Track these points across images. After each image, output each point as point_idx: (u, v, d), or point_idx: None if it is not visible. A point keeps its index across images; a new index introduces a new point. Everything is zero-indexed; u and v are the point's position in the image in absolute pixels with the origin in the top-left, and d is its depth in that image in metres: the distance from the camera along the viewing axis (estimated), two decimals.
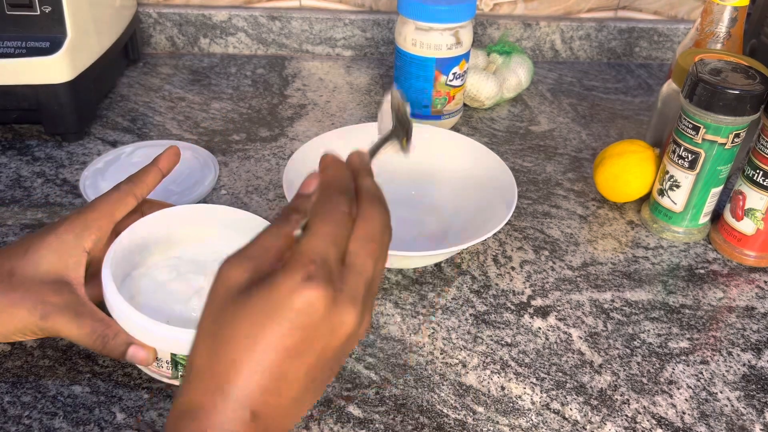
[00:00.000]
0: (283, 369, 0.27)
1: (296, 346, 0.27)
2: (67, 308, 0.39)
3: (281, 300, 0.27)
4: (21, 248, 0.41)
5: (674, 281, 0.55)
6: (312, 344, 0.27)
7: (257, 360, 0.27)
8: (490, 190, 0.56)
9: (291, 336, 0.27)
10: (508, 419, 0.43)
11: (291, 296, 0.27)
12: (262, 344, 0.27)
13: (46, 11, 0.60)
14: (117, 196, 0.43)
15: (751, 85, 0.52)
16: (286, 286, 0.27)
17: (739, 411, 0.45)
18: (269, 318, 0.27)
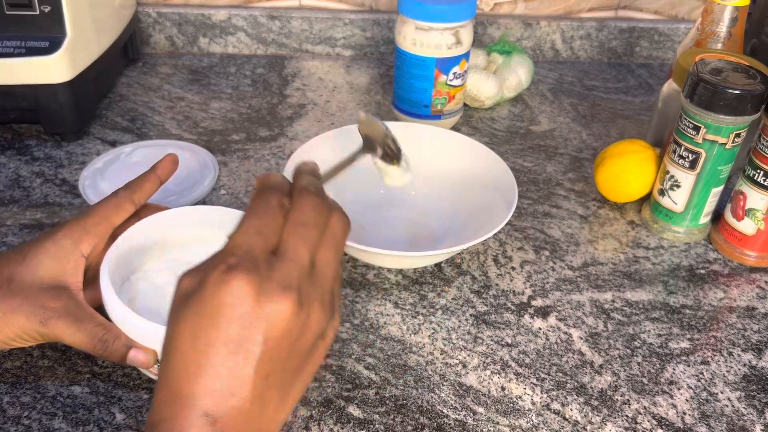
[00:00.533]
0: (227, 366, 0.27)
1: (233, 340, 0.27)
2: (66, 313, 0.39)
3: (209, 295, 0.27)
4: (19, 255, 0.41)
5: (675, 281, 0.55)
6: (250, 336, 0.27)
7: (201, 362, 0.27)
8: (491, 190, 0.56)
9: (225, 329, 0.27)
10: (508, 420, 0.43)
11: (216, 289, 0.27)
12: (201, 344, 0.27)
13: (46, 11, 0.60)
14: (115, 202, 0.44)
15: (752, 85, 0.52)
16: (211, 280, 0.27)
17: (740, 411, 0.45)
18: (202, 316, 0.27)
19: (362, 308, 0.50)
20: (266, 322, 0.27)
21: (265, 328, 0.27)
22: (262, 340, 0.27)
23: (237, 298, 0.27)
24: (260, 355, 0.27)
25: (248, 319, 0.27)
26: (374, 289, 0.52)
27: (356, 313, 0.50)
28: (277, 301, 0.27)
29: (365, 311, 0.50)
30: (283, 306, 0.27)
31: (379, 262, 0.52)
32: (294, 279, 0.28)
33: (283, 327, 0.27)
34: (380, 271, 0.54)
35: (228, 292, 0.27)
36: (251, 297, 0.27)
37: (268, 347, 0.27)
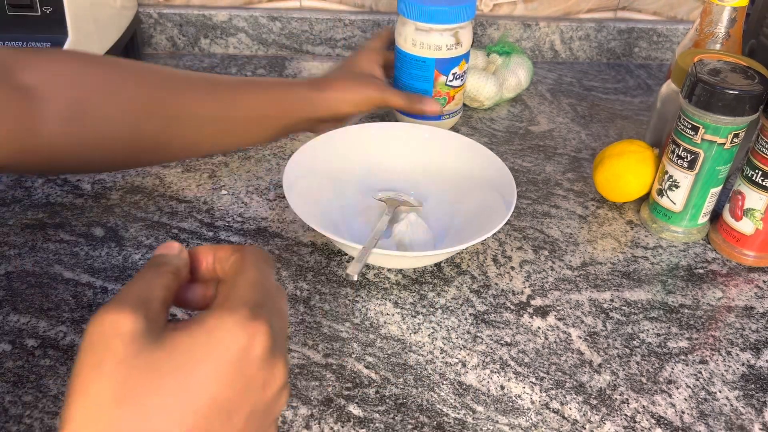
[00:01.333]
0: (209, 426, 0.23)
1: (226, 402, 0.23)
2: (392, 87, 0.63)
3: (220, 339, 0.23)
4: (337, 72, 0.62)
5: (673, 281, 0.55)
6: (247, 397, 0.24)
7: (184, 426, 0.22)
8: (490, 190, 0.56)
9: (221, 388, 0.23)
10: (507, 418, 0.43)
11: (232, 338, 0.23)
12: (190, 401, 0.22)
13: (47, 12, 0.61)
14: None
15: (750, 86, 0.52)
16: (227, 323, 0.23)
17: (738, 410, 0.45)
18: (204, 366, 0.23)
19: (362, 308, 0.51)
20: (263, 384, 0.25)
21: (260, 393, 0.25)
22: (253, 403, 0.25)
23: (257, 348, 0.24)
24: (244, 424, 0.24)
25: (252, 378, 0.24)
26: (374, 288, 0.52)
27: (356, 312, 0.50)
28: (279, 364, 0.26)
29: (365, 311, 0.50)
30: (280, 371, 0.26)
31: (379, 262, 0.53)
32: (285, 350, 0.27)
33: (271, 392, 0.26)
34: (380, 271, 0.54)
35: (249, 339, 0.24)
36: (265, 353, 0.24)
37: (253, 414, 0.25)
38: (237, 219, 0.58)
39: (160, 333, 0.24)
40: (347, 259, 0.55)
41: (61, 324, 0.48)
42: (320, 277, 0.53)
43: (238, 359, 0.23)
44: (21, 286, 0.50)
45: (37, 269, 0.52)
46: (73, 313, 0.48)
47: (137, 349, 0.23)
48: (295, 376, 0.45)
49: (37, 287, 0.50)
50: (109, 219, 0.57)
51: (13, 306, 0.49)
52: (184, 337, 0.23)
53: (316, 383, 0.45)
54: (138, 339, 0.23)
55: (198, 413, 0.23)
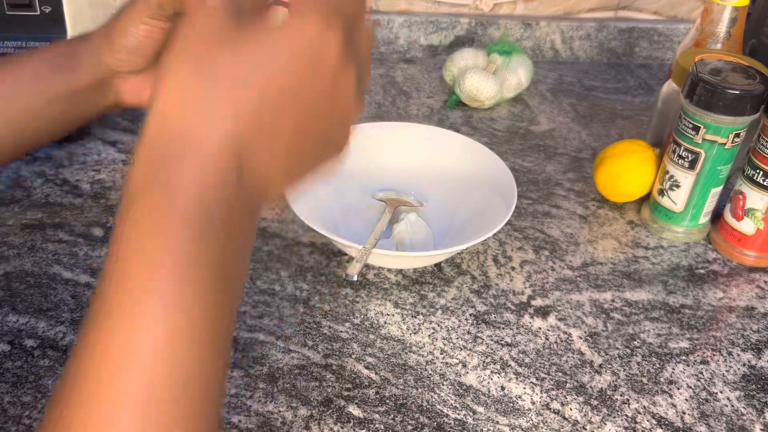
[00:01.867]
0: (279, 109, 0.25)
1: (297, 85, 0.25)
2: None
3: (293, 30, 0.25)
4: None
5: (674, 281, 0.55)
6: (313, 88, 0.26)
7: (258, 92, 0.24)
8: (490, 190, 0.56)
9: (294, 72, 0.25)
10: (508, 419, 0.43)
11: (304, 26, 0.25)
12: (266, 76, 0.24)
13: (46, 11, 0.60)
14: None
15: (751, 85, 0.52)
16: (300, 16, 0.25)
17: (739, 411, 0.45)
18: (278, 48, 0.25)
19: (362, 308, 0.50)
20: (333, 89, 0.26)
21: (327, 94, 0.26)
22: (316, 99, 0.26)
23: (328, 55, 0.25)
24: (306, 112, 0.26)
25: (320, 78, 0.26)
26: (374, 288, 0.52)
27: (356, 312, 0.50)
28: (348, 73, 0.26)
29: (365, 311, 0.50)
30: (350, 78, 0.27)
31: (379, 263, 0.52)
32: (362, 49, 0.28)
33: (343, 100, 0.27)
34: (380, 271, 0.54)
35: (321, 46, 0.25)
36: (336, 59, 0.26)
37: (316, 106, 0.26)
38: None
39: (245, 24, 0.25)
40: (347, 259, 0.55)
41: (60, 324, 0.47)
42: (320, 277, 0.53)
43: (310, 50, 0.25)
44: (20, 286, 0.50)
45: (36, 269, 0.52)
46: (73, 313, 0.48)
47: (226, 31, 0.25)
48: (295, 376, 0.45)
49: (37, 287, 0.50)
50: (109, 219, 0.57)
51: (12, 306, 0.49)
52: (265, 30, 0.25)
53: (315, 384, 0.44)
54: (227, 23, 0.25)
55: (270, 91, 0.25)
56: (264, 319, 0.49)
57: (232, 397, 0.43)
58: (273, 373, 0.45)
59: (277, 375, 0.45)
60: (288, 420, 0.42)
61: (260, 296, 0.51)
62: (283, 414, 0.42)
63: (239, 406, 0.43)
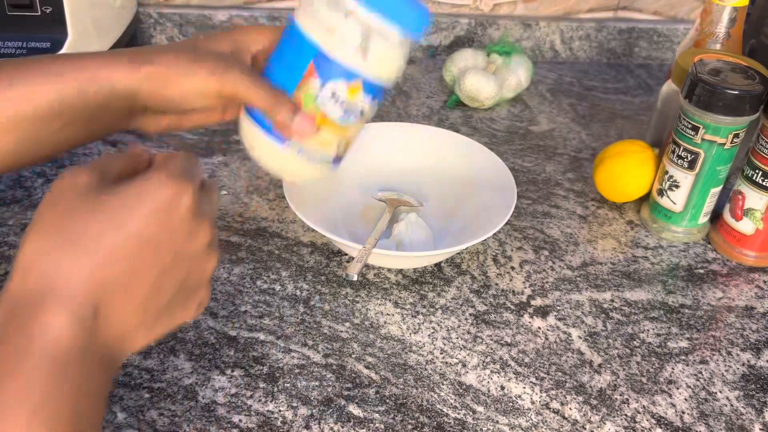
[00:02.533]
0: (136, 261, 0.27)
1: (153, 239, 0.28)
2: (244, 71, 0.39)
3: (149, 191, 0.28)
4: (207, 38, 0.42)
5: (674, 281, 0.55)
6: (169, 242, 0.29)
7: (114, 246, 0.27)
8: (490, 190, 0.56)
9: (150, 226, 0.28)
10: (507, 419, 0.43)
11: (159, 188, 0.28)
12: (122, 231, 0.27)
13: (47, 12, 0.61)
14: None
15: (751, 86, 0.52)
16: (156, 179, 0.28)
17: (739, 410, 0.45)
18: (134, 207, 0.28)
19: (362, 308, 0.50)
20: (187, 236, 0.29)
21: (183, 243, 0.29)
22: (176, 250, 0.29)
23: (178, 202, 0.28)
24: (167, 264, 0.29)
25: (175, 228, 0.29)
26: (374, 288, 0.52)
27: (356, 312, 0.50)
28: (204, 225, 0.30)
29: (365, 311, 0.50)
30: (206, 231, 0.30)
31: (379, 262, 0.53)
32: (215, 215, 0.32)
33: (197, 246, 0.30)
34: (380, 271, 0.54)
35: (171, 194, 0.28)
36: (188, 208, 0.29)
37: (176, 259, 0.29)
38: (237, 219, 0.58)
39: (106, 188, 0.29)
40: (347, 259, 0.55)
41: None
42: (320, 277, 0.53)
43: (164, 207, 0.28)
44: None
45: None
46: None
47: (85, 196, 0.28)
48: (295, 376, 0.45)
49: None
50: None
51: None
52: (121, 188, 0.28)
53: (316, 383, 0.44)
54: (88, 190, 0.28)
55: (127, 244, 0.27)
56: (264, 319, 0.49)
57: (233, 397, 0.43)
58: (273, 372, 0.45)
59: (277, 374, 0.45)
60: (288, 419, 0.42)
61: (260, 296, 0.51)
62: (283, 413, 0.43)
63: (239, 406, 0.43)
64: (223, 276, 0.52)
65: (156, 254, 0.28)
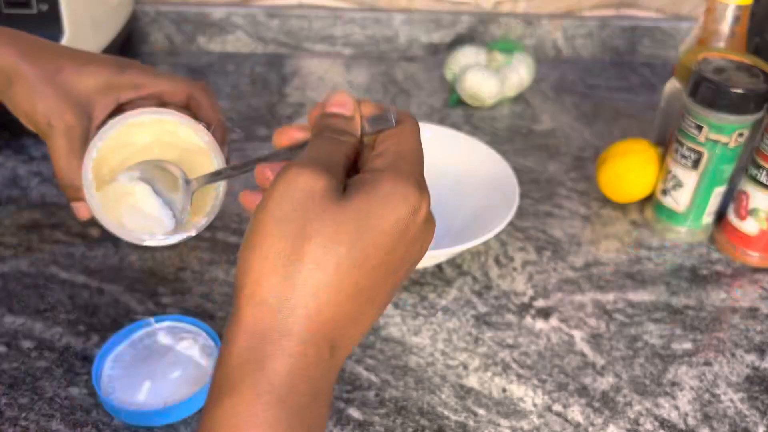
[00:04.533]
0: (377, 290, 0.26)
1: (395, 262, 0.26)
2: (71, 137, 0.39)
3: (393, 207, 0.26)
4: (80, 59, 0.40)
5: (677, 282, 0.55)
6: (409, 255, 0.27)
7: (353, 280, 0.25)
8: (492, 189, 0.55)
9: (395, 251, 0.26)
10: (509, 421, 0.43)
11: (403, 204, 0.26)
12: (367, 260, 0.25)
13: (43, 9, 0.60)
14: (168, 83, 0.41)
15: (755, 84, 0.52)
16: (400, 191, 0.26)
17: (743, 413, 0.45)
18: (379, 226, 0.26)
19: None
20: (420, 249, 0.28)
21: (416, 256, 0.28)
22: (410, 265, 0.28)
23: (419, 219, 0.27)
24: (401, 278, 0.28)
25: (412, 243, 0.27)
26: None
27: None
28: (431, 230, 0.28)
29: None
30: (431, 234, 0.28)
31: None
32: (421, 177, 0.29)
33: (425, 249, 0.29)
34: None
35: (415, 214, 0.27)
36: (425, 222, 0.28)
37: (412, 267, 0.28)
38: (234, 219, 0.58)
39: (342, 193, 0.26)
40: None
41: (57, 325, 0.47)
42: None
43: (407, 223, 0.26)
44: (17, 286, 0.50)
45: (32, 270, 0.51)
46: (69, 314, 0.48)
47: (326, 207, 0.25)
48: None
49: (33, 288, 0.50)
50: None
51: (9, 307, 0.48)
52: (363, 198, 0.26)
53: None
54: (327, 197, 0.26)
55: (368, 270, 0.25)
56: None
57: None
58: None
59: None
60: None
61: None
62: None
63: None
64: (221, 276, 0.52)
65: (395, 271, 0.27)
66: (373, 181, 0.27)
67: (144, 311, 0.49)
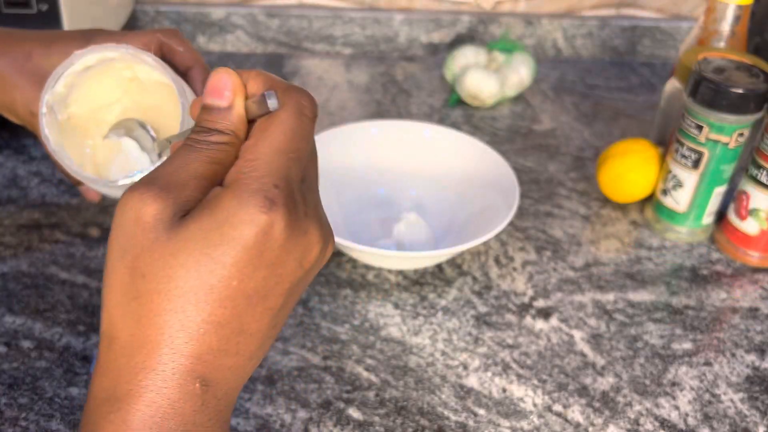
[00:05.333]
0: (242, 320, 0.23)
1: (258, 289, 0.23)
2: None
3: (235, 232, 0.22)
4: (46, 42, 0.39)
5: (677, 282, 0.55)
6: (280, 278, 0.23)
7: (206, 312, 0.22)
8: (492, 189, 0.55)
9: (251, 277, 0.23)
10: (509, 421, 0.43)
11: (247, 226, 0.22)
12: (213, 291, 0.22)
13: (43, 9, 0.60)
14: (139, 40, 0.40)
15: (755, 84, 0.52)
16: (240, 214, 0.22)
17: (743, 413, 0.44)
18: (219, 255, 0.22)
19: (362, 309, 0.50)
20: (298, 265, 0.24)
21: (296, 274, 0.24)
22: (289, 287, 0.24)
23: (275, 240, 0.23)
24: (281, 305, 0.24)
25: (282, 264, 0.23)
26: (374, 289, 0.52)
27: (356, 314, 0.49)
28: (313, 242, 0.24)
29: (365, 312, 0.50)
30: (316, 247, 0.24)
31: (379, 263, 0.52)
32: (319, 211, 0.25)
33: (307, 268, 0.25)
34: (380, 272, 0.53)
35: (262, 232, 0.22)
36: (286, 238, 0.23)
37: (290, 294, 0.24)
38: None
39: (181, 217, 0.23)
40: (347, 260, 0.54)
41: (57, 325, 0.47)
42: (319, 278, 0.52)
43: (259, 249, 0.23)
44: (16, 287, 0.50)
45: (32, 270, 0.51)
46: (69, 314, 0.48)
47: (155, 237, 0.22)
48: (294, 378, 0.44)
49: (33, 288, 0.50)
50: (106, 219, 0.57)
51: (9, 307, 0.48)
52: (199, 224, 0.23)
53: (314, 386, 0.44)
54: (157, 227, 0.23)
55: (219, 300, 0.22)
56: None
57: None
58: (272, 375, 0.44)
59: (275, 377, 0.44)
60: (287, 423, 0.42)
61: None
62: (281, 416, 0.42)
63: (237, 409, 0.42)
64: None
65: (264, 299, 0.23)
66: (214, 201, 0.23)
67: None
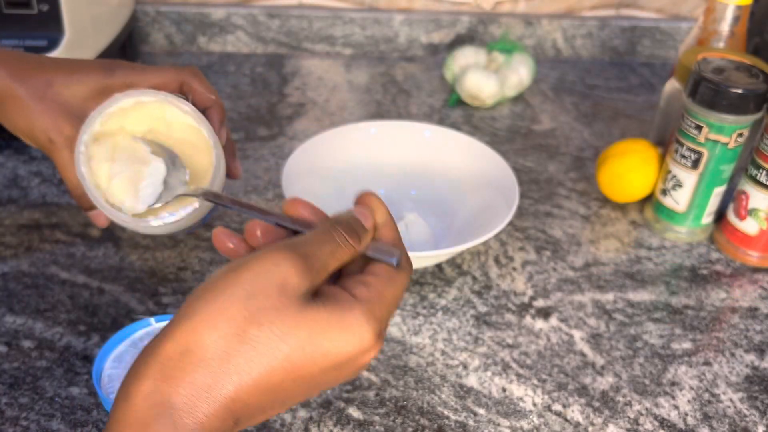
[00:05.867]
0: (294, 399, 0.27)
1: (320, 384, 0.27)
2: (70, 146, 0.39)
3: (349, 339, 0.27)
4: (68, 68, 0.40)
5: (677, 282, 0.55)
6: (337, 381, 0.28)
7: (278, 378, 0.26)
8: (492, 189, 0.55)
9: (325, 374, 0.27)
10: (509, 421, 0.43)
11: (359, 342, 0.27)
12: (297, 369, 0.26)
13: (44, 10, 0.60)
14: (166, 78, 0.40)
15: (755, 84, 0.52)
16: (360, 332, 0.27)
17: (742, 412, 0.45)
18: (326, 349, 0.26)
19: None
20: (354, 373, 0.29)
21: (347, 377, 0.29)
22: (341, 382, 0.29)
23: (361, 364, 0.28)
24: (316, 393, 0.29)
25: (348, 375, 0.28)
26: None
27: None
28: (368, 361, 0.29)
29: None
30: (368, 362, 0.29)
31: None
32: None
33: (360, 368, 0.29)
34: None
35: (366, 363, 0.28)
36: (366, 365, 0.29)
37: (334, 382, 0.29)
38: (234, 219, 0.58)
39: (311, 299, 0.27)
40: None
41: (57, 325, 0.47)
42: None
43: (350, 359, 0.27)
44: (17, 286, 0.50)
45: (33, 270, 0.51)
46: (70, 314, 0.48)
47: (289, 304, 0.26)
48: None
49: (34, 288, 0.50)
50: None
51: (9, 307, 0.48)
52: (326, 316, 0.26)
53: None
54: (292, 296, 0.26)
55: (293, 380, 0.26)
56: None
57: None
58: None
59: None
60: (287, 422, 0.42)
61: None
62: (282, 416, 0.42)
63: None
64: None
65: (313, 388, 0.28)
66: (344, 304, 0.27)
67: (144, 311, 0.49)
